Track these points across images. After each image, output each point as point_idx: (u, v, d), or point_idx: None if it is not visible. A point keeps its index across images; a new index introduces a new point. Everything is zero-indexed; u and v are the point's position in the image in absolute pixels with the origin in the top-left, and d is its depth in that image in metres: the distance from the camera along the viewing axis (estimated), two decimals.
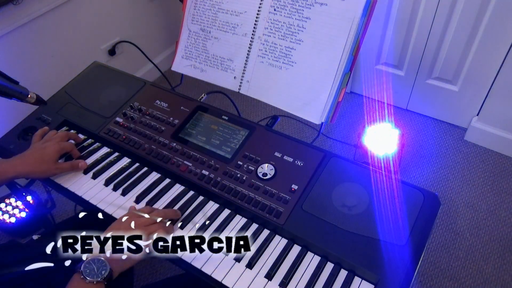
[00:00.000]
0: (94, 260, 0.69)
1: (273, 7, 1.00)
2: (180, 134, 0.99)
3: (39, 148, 0.91)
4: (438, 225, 1.62)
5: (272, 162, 0.89)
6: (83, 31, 1.89)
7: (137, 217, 0.77)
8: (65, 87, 1.16)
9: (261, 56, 1.03)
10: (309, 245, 0.78)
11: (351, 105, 2.17)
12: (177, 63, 1.16)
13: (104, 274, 0.68)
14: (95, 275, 0.67)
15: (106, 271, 0.68)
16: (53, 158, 0.90)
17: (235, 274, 0.74)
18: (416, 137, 1.98)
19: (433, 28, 1.75)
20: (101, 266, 0.68)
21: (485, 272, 1.47)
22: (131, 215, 0.77)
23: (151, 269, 1.53)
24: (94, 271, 0.68)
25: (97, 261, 0.69)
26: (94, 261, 0.69)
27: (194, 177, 0.90)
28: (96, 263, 0.69)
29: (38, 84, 1.70)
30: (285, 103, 1.00)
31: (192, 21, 1.13)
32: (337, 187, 0.84)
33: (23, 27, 1.60)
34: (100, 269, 0.68)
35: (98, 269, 0.68)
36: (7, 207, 1.57)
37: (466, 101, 1.90)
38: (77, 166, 0.94)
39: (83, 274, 0.67)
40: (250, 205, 0.83)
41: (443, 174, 1.80)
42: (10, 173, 0.86)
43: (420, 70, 1.92)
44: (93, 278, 0.67)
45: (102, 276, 0.68)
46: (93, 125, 1.04)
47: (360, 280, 0.73)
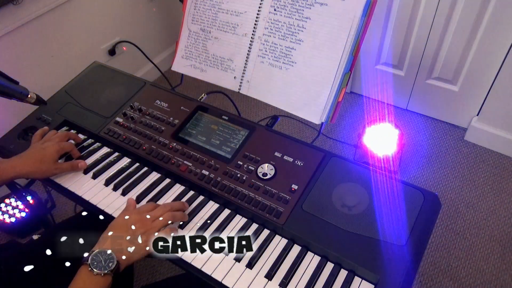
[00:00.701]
0: (101, 252, 0.69)
1: (273, 7, 1.00)
2: (180, 134, 0.99)
3: (39, 148, 0.91)
4: (438, 225, 1.62)
5: (272, 162, 0.89)
6: (83, 31, 1.89)
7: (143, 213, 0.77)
8: (65, 87, 1.16)
9: (261, 56, 1.03)
10: (309, 245, 0.78)
11: (351, 105, 2.17)
12: (177, 63, 1.16)
13: (111, 266, 0.68)
14: (103, 267, 0.67)
15: (114, 264, 0.68)
16: (53, 158, 0.90)
17: (235, 274, 0.74)
18: (416, 137, 1.98)
19: (433, 28, 1.75)
20: (108, 258, 0.68)
21: (485, 272, 1.47)
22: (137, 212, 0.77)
23: (151, 269, 1.53)
24: (101, 263, 0.68)
25: (104, 253, 0.69)
26: (101, 253, 0.69)
27: (194, 177, 0.90)
28: (103, 255, 0.69)
29: (38, 84, 1.71)
30: (285, 103, 1.00)
31: (192, 21, 1.13)
32: (337, 187, 0.84)
33: (23, 27, 1.60)
34: (107, 261, 0.68)
35: (105, 262, 0.68)
36: (7, 207, 1.57)
37: (466, 101, 1.90)
38: (76, 166, 0.94)
39: (91, 266, 0.67)
40: (250, 205, 0.83)
41: (443, 174, 1.80)
42: (10, 173, 0.86)
43: (420, 70, 1.92)
44: (101, 270, 0.67)
45: (109, 269, 0.67)
46: (93, 125, 1.04)
47: (360, 280, 0.73)
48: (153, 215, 0.77)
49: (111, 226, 0.75)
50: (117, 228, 0.74)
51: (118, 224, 0.75)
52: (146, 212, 0.78)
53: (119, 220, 0.76)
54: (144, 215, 0.76)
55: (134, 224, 0.74)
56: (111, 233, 0.74)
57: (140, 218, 0.76)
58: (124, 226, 0.74)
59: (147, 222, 0.75)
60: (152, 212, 0.78)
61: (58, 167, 0.91)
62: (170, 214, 0.78)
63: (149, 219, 0.76)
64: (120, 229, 0.74)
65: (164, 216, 0.77)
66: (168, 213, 0.78)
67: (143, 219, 0.76)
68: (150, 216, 0.77)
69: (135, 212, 0.77)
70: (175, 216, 0.79)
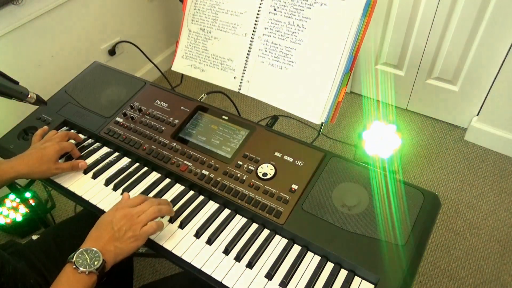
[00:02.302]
0: (87, 250, 0.68)
1: (273, 7, 1.00)
2: (180, 134, 0.99)
3: (39, 148, 0.91)
4: (438, 225, 1.62)
5: (272, 162, 0.89)
6: (83, 31, 1.89)
7: (128, 208, 0.76)
8: (65, 87, 1.16)
9: (261, 56, 1.03)
10: (309, 245, 0.78)
11: (351, 105, 2.18)
12: (177, 63, 1.16)
13: (97, 264, 0.67)
14: (88, 266, 0.67)
15: (99, 262, 0.67)
16: (53, 158, 0.90)
17: (235, 274, 0.74)
18: (416, 137, 1.98)
19: (433, 28, 1.75)
20: (94, 256, 0.68)
21: (485, 272, 1.47)
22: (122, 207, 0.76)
23: (151, 269, 1.53)
24: (86, 261, 0.67)
25: (90, 252, 0.68)
26: (87, 251, 0.68)
27: (194, 177, 0.90)
28: (89, 254, 0.68)
29: (38, 84, 1.71)
30: (285, 103, 1.00)
31: (192, 21, 1.13)
32: (337, 187, 0.84)
33: (23, 27, 1.60)
34: (93, 259, 0.68)
35: (91, 260, 0.67)
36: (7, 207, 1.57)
37: (466, 101, 1.90)
38: (77, 166, 0.94)
39: (76, 265, 0.66)
40: (250, 205, 0.83)
41: (443, 174, 1.80)
42: (11, 174, 0.86)
43: (420, 70, 1.92)
44: (85, 269, 0.66)
45: (94, 267, 0.67)
46: (93, 125, 1.04)
47: (360, 280, 0.73)
48: (140, 209, 0.76)
49: (97, 224, 0.74)
50: (103, 226, 0.73)
51: (104, 221, 0.74)
52: (133, 206, 0.76)
53: (106, 217, 0.75)
54: (130, 210, 0.75)
55: (119, 220, 0.73)
56: (97, 230, 0.73)
57: (125, 214, 0.74)
58: (109, 223, 0.73)
59: (132, 217, 0.74)
60: (138, 206, 0.76)
61: (59, 167, 0.91)
62: (156, 207, 0.77)
63: (135, 214, 0.74)
64: (106, 226, 0.73)
65: (150, 209, 0.76)
66: (153, 207, 0.76)
67: (129, 214, 0.74)
68: (136, 211, 0.75)
69: (122, 208, 0.76)
70: (161, 210, 0.78)
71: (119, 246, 0.71)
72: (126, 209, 0.76)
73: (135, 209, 0.76)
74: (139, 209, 0.76)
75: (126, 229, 0.72)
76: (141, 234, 0.73)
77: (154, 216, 0.76)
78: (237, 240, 0.79)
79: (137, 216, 0.75)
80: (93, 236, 0.72)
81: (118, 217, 0.74)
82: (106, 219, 0.75)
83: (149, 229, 0.74)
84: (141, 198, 0.79)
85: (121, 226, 0.72)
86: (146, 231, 0.74)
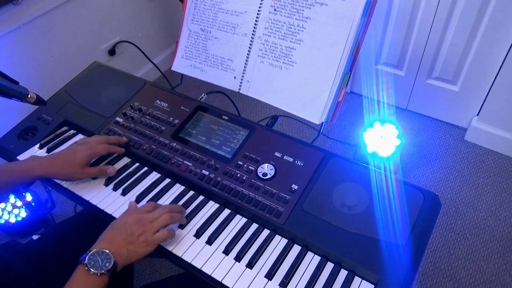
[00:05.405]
0: (98, 252, 0.69)
1: (273, 7, 1.00)
2: (180, 134, 0.99)
3: (72, 150, 0.90)
4: (438, 225, 1.62)
5: (272, 162, 0.89)
6: (83, 31, 1.89)
7: (141, 214, 0.77)
8: (65, 87, 1.16)
9: (261, 56, 1.03)
10: (309, 245, 0.78)
11: (351, 105, 2.17)
12: (177, 63, 1.16)
13: (108, 266, 0.68)
14: (99, 267, 0.67)
15: (110, 264, 0.68)
16: (82, 163, 0.88)
17: (235, 274, 0.74)
18: (416, 137, 1.98)
19: (433, 28, 1.75)
20: (106, 258, 0.69)
21: (485, 272, 1.47)
22: (134, 213, 0.77)
23: (151, 269, 1.53)
24: (98, 263, 0.68)
25: (102, 253, 0.69)
26: (99, 253, 0.69)
27: (194, 177, 0.90)
28: (100, 255, 0.69)
29: (38, 84, 1.71)
30: (285, 103, 1.00)
31: (192, 21, 1.13)
32: (337, 187, 0.84)
33: (23, 27, 1.60)
34: (104, 261, 0.68)
35: (103, 261, 0.68)
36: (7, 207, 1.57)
37: (466, 101, 1.90)
38: (105, 172, 0.92)
39: (88, 266, 0.67)
40: (250, 205, 0.83)
41: (443, 174, 1.80)
42: (37, 172, 0.85)
43: (420, 70, 1.92)
44: (97, 270, 0.67)
45: (106, 268, 0.68)
46: (93, 125, 1.04)
47: (360, 280, 0.73)
48: (151, 216, 0.77)
49: (110, 227, 0.75)
50: (116, 229, 0.74)
51: (117, 224, 0.75)
52: (145, 212, 0.78)
53: (119, 221, 0.76)
54: (143, 216, 0.76)
55: (132, 225, 0.74)
56: (110, 233, 0.74)
57: (138, 219, 0.75)
58: (122, 226, 0.74)
59: (145, 222, 0.75)
60: (151, 213, 0.78)
61: (85, 171, 0.89)
62: (169, 215, 0.78)
63: (147, 220, 0.76)
64: (119, 230, 0.74)
65: (163, 217, 0.77)
66: (166, 214, 0.78)
67: (142, 219, 0.76)
68: (149, 217, 0.76)
69: (135, 213, 0.77)
70: (173, 217, 0.79)
71: (131, 249, 0.72)
72: (139, 214, 0.77)
73: (148, 216, 0.77)
74: (151, 216, 0.77)
75: (139, 234, 0.74)
76: (153, 240, 0.74)
77: (166, 223, 0.77)
78: (237, 240, 0.79)
79: (149, 222, 0.76)
80: (105, 238, 0.73)
81: (131, 221, 0.75)
82: (119, 223, 0.75)
83: (161, 236, 0.76)
84: (152, 205, 0.81)
85: (134, 231, 0.73)
86: (158, 238, 0.75)
